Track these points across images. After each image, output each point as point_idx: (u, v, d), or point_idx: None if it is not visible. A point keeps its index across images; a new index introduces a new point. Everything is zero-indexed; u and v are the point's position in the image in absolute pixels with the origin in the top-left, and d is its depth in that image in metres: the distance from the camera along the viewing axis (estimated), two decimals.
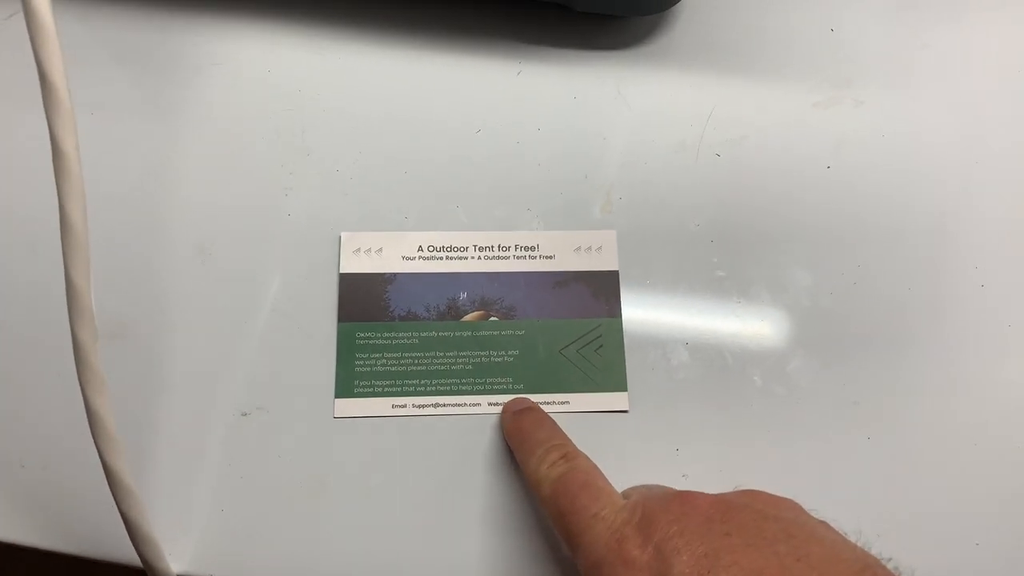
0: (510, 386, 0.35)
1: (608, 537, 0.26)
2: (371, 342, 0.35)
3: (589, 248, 0.37)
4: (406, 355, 0.35)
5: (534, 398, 0.35)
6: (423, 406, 0.35)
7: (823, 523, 0.27)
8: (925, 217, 0.38)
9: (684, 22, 0.41)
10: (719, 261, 0.37)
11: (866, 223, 0.38)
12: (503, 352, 0.36)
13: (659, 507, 0.27)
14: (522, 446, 0.32)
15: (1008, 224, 0.38)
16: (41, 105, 0.38)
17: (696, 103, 0.40)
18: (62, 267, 0.34)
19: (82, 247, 0.27)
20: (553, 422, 0.32)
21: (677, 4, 0.40)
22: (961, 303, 0.37)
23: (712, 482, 0.31)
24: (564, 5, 0.39)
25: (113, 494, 0.29)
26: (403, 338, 0.36)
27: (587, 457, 0.30)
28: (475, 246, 0.37)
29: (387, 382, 0.35)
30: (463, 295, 0.36)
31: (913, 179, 0.39)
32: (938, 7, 0.43)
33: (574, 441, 0.32)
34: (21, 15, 0.40)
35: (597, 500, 0.28)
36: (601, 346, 0.36)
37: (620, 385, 0.35)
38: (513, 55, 0.41)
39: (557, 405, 0.35)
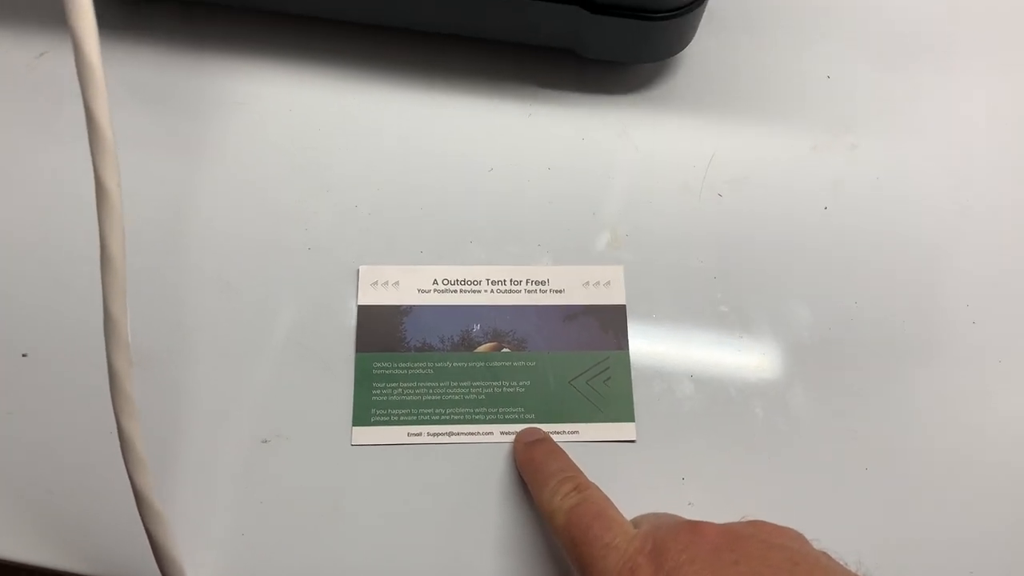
0: (522, 416, 0.36)
1: (621, 566, 0.27)
2: (388, 372, 0.37)
3: (597, 283, 0.39)
4: (421, 385, 0.37)
5: (545, 427, 0.36)
6: (437, 435, 0.36)
7: (824, 553, 0.29)
8: (917, 256, 0.40)
9: (686, 69, 0.43)
10: (722, 296, 0.39)
11: (861, 262, 0.40)
12: (515, 383, 0.37)
13: (669, 536, 0.28)
14: (535, 477, 0.33)
15: (997, 264, 0.40)
16: (71, 139, 0.40)
17: (699, 145, 0.42)
18: (90, 297, 0.36)
19: (120, 279, 0.28)
20: (564, 453, 0.34)
21: (680, 52, 0.41)
22: (953, 339, 0.38)
23: (717, 510, 0.32)
24: (573, 51, 0.41)
25: (141, 515, 0.30)
26: (418, 368, 0.37)
27: (599, 488, 0.31)
28: (488, 280, 0.39)
29: (403, 411, 0.36)
30: (476, 327, 0.38)
31: (906, 220, 0.41)
32: (929, 56, 0.45)
33: (583, 470, 0.33)
34: (51, 54, 0.42)
35: (609, 530, 0.29)
36: (609, 378, 0.37)
37: (628, 416, 0.36)
38: (524, 98, 0.42)
39: (567, 434, 0.36)
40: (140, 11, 0.43)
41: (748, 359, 0.38)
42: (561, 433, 0.36)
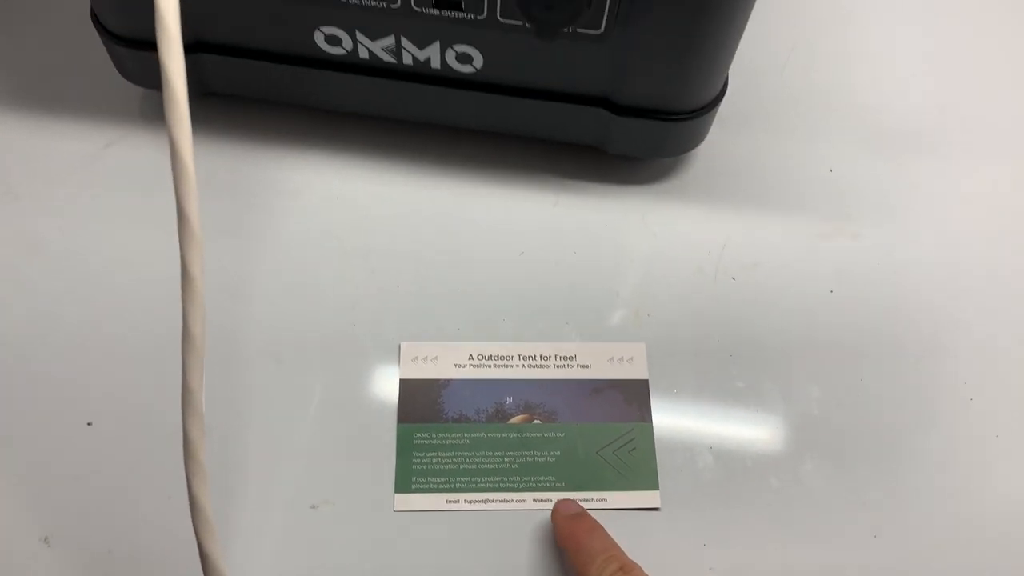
0: (553, 484, 0.39)
1: None
2: (427, 442, 0.39)
3: (621, 359, 0.42)
4: (458, 454, 0.39)
5: (574, 495, 0.39)
6: (474, 502, 0.38)
7: None
8: (918, 338, 0.43)
9: (700, 162, 0.47)
10: (738, 373, 0.41)
11: (866, 342, 0.43)
12: (546, 453, 0.40)
13: None
14: (579, 555, 0.35)
15: (992, 344, 0.43)
16: (136, 223, 0.43)
17: (712, 232, 0.45)
18: (150, 369, 0.39)
19: (199, 356, 0.31)
20: (604, 530, 0.36)
21: (694, 148, 0.45)
22: (952, 415, 0.41)
23: (737, 575, 0.35)
24: (596, 147, 0.45)
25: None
26: (456, 439, 0.40)
27: (641, 568, 0.34)
28: (520, 355, 0.42)
29: (442, 479, 0.39)
30: (509, 400, 0.41)
31: (906, 303, 0.44)
32: (923, 150, 0.49)
33: (612, 535, 0.35)
34: (119, 144, 0.46)
35: None
36: (634, 448, 0.40)
37: (652, 484, 0.39)
38: (552, 188, 0.46)
39: (595, 502, 0.39)
40: (202, 103, 0.47)
41: (763, 432, 0.40)
42: (589, 501, 0.38)
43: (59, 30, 0.50)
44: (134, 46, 0.42)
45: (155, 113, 0.47)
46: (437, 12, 0.37)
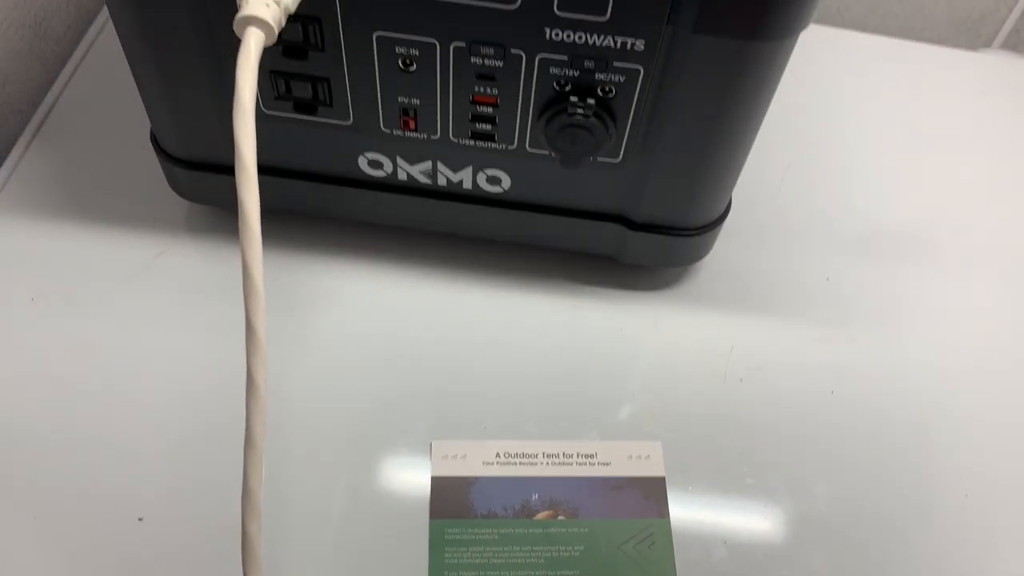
0: None
1: None
2: (459, 537, 0.42)
3: (639, 456, 0.45)
4: (488, 549, 0.42)
5: None
6: None
7: None
8: (915, 436, 0.46)
9: (708, 271, 0.51)
10: (748, 470, 0.44)
11: (866, 440, 0.46)
12: (570, 548, 0.42)
13: None
14: None
15: (986, 442, 0.46)
16: (185, 329, 0.46)
17: (720, 336, 0.49)
18: (199, 466, 0.41)
19: (259, 459, 0.34)
20: None
21: (703, 258, 0.49)
22: (948, 509, 0.44)
23: None
24: (611, 257, 0.49)
25: None
26: (485, 534, 0.42)
27: None
28: (544, 453, 0.44)
29: (472, 574, 0.41)
30: (535, 496, 0.43)
31: (903, 403, 0.47)
32: (915, 260, 0.53)
33: None
34: (168, 254, 0.49)
35: None
36: (653, 543, 0.42)
37: None
38: (570, 293, 0.50)
39: None
40: (234, 217, 0.51)
41: (774, 526, 0.43)
42: None
43: (111, 147, 0.54)
44: (189, 167, 0.46)
45: (200, 225, 0.51)
46: (472, 143, 0.42)
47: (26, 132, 0.54)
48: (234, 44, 0.38)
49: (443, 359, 0.47)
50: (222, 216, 0.51)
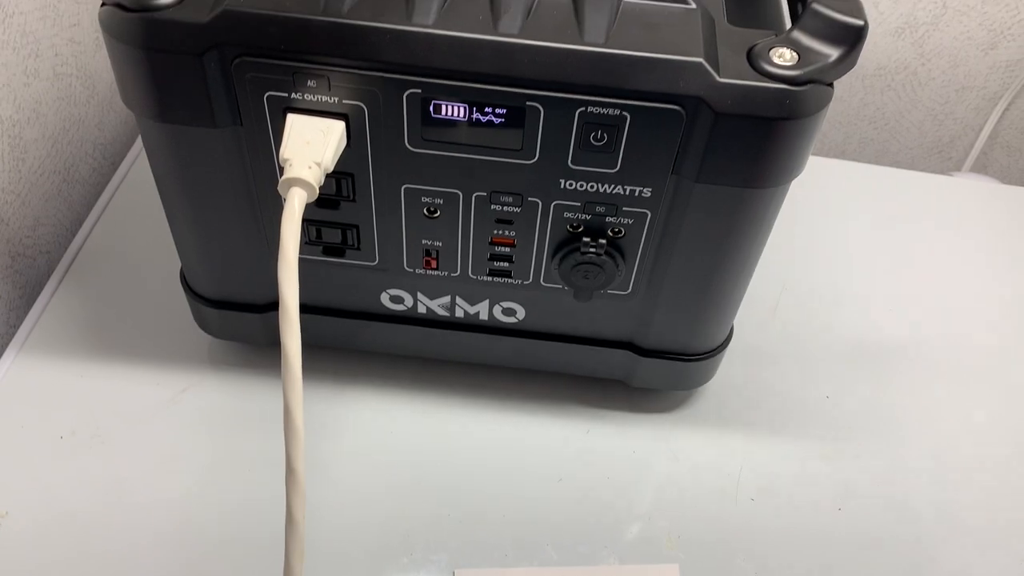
0: None
1: None
2: None
3: None
4: None
5: None
6: None
7: None
8: (921, 549, 0.47)
9: (714, 392, 0.53)
10: None
11: (875, 555, 0.47)
12: None
13: None
14: None
15: (989, 551, 0.47)
16: (209, 464, 0.47)
17: (730, 456, 0.50)
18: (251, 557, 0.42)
19: (300, 540, 0.35)
20: None
21: (709, 381, 0.51)
22: None
23: None
24: (622, 381, 0.51)
25: None
26: None
27: None
28: None
29: None
30: None
31: (908, 517, 0.49)
32: (911, 376, 0.55)
33: None
34: (193, 389, 0.51)
35: None
36: None
37: None
38: (583, 418, 0.51)
39: None
40: (267, 352, 0.53)
41: None
42: None
43: (135, 286, 0.56)
44: (218, 306, 0.48)
45: (223, 359, 0.53)
46: (490, 279, 0.44)
47: (55, 273, 0.57)
48: (273, 198, 0.41)
49: (462, 486, 0.48)
50: (243, 350, 0.53)
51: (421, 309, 0.47)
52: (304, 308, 0.48)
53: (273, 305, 0.48)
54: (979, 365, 0.57)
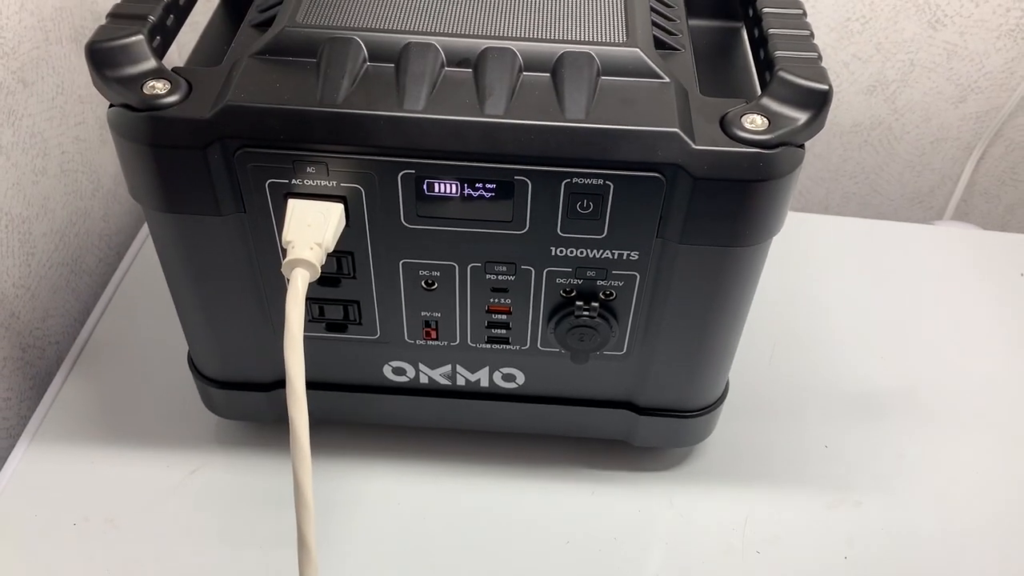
0: None
1: None
2: None
3: None
4: None
5: None
6: None
7: None
8: None
9: (714, 448, 0.54)
10: None
11: None
12: None
13: None
14: None
15: None
16: (217, 544, 0.48)
17: (733, 510, 0.51)
18: None
19: None
20: None
21: (708, 436, 0.52)
22: None
23: None
24: (623, 441, 0.52)
25: None
26: None
27: None
28: None
29: None
30: None
31: (910, 564, 0.49)
32: (907, 422, 0.56)
33: None
34: (202, 470, 0.52)
35: None
36: None
37: None
38: (587, 479, 0.52)
39: None
40: (274, 429, 0.54)
41: None
42: None
43: (142, 372, 0.57)
44: (225, 387, 0.49)
45: (230, 439, 0.54)
46: (488, 346, 0.46)
47: (64, 363, 0.58)
48: (276, 279, 0.43)
49: (471, 551, 0.49)
50: (250, 429, 0.54)
51: (423, 379, 0.48)
52: (309, 384, 0.49)
53: (278, 383, 0.49)
54: (975, 409, 0.58)
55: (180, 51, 0.74)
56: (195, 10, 0.43)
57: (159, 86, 0.37)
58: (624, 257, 0.41)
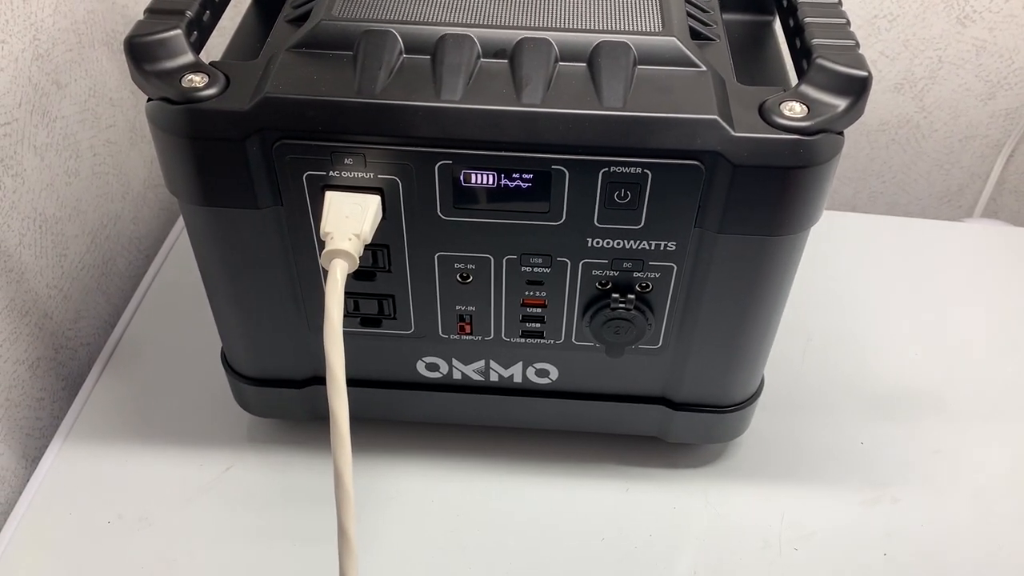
0: None
1: None
2: None
3: None
4: None
5: None
6: None
7: None
8: None
9: (749, 444, 0.54)
10: None
11: None
12: None
13: None
14: None
15: None
16: (252, 540, 0.48)
17: (769, 507, 0.51)
18: None
19: None
20: None
21: (743, 433, 0.52)
22: None
23: None
24: (657, 437, 0.51)
25: None
26: None
27: None
28: None
29: None
30: None
31: (952, 558, 0.48)
32: (941, 417, 0.55)
33: None
34: (235, 468, 0.52)
35: None
36: None
37: None
38: (622, 476, 0.52)
39: None
40: (309, 427, 0.54)
41: None
42: None
43: (173, 371, 0.58)
44: (259, 384, 0.49)
45: (262, 437, 0.54)
46: (523, 340, 0.45)
47: (96, 364, 0.58)
48: (312, 274, 0.43)
49: (506, 548, 0.48)
50: (282, 427, 0.54)
51: (456, 375, 0.48)
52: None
53: (311, 380, 0.49)
54: (1007, 405, 0.57)
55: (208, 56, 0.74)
56: (227, 12, 0.44)
57: (197, 79, 0.37)
58: (661, 248, 0.40)
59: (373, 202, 0.38)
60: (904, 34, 0.75)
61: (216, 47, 0.57)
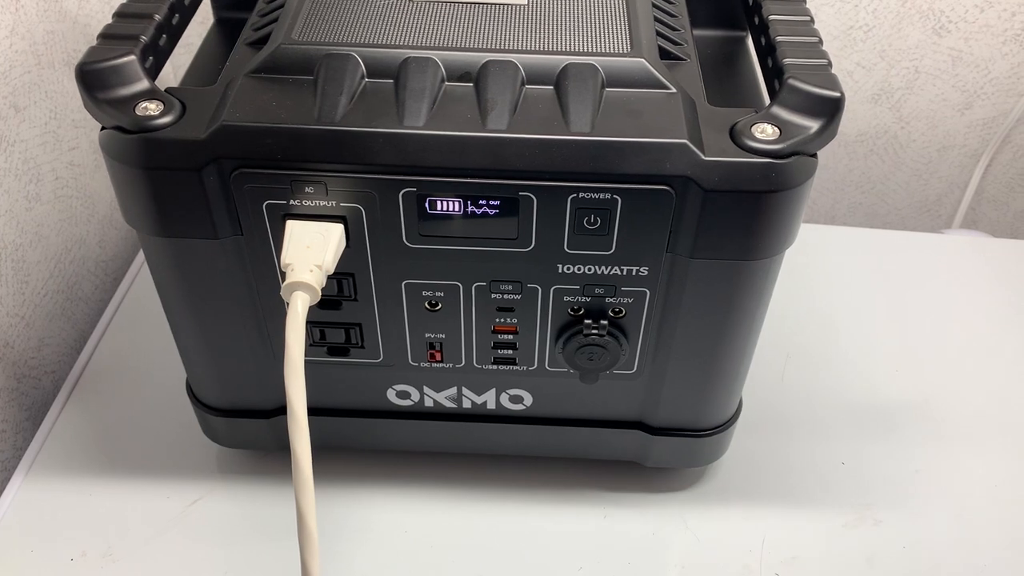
0: None
1: None
2: None
3: None
4: None
5: None
6: None
7: None
8: None
9: (728, 466, 0.53)
10: None
11: None
12: None
13: None
14: None
15: None
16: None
17: (750, 530, 0.50)
18: None
19: None
20: None
21: (722, 456, 0.51)
22: None
23: None
24: (635, 462, 0.50)
25: None
26: None
27: None
28: None
29: None
30: None
31: None
32: (918, 433, 0.55)
33: None
34: (203, 500, 0.50)
35: None
36: None
37: None
38: (599, 502, 0.51)
39: None
40: (276, 457, 0.53)
41: None
42: None
43: (140, 401, 0.56)
44: (225, 414, 0.48)
45: (231, 468, 0.52)
46: (495, 367, 0.44)
47: (61, 392, 0.57)
48: (276, 303, 0.42)
49: None
50: (251, 457, 0.53)
51: (428, 403, 0.47)
52: (311, 410, 0.48)
53: (280, 409, 0.48)
54: (988, 419, 0.56)
55: (176, 72, 0.73)
56: (189, 32, 0.42)
57: (152, 107, 0.36)
58: (633, 273, 0.39)
59: (336, 231, 0.37)
60: (880, 45, 0.75)
61: (182, 63, 0.56)
